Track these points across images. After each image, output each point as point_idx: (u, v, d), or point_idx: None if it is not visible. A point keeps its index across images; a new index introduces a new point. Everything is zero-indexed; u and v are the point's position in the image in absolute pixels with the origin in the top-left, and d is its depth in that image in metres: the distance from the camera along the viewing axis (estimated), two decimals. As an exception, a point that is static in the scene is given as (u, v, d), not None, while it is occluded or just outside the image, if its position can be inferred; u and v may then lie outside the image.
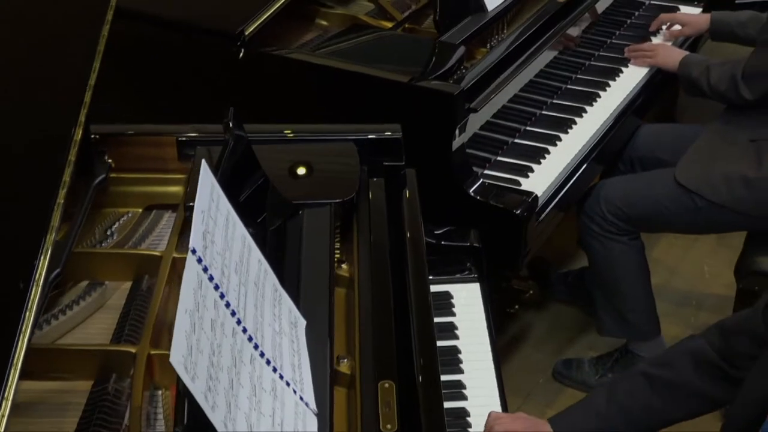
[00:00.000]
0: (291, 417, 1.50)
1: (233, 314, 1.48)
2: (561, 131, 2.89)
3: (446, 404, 1.76)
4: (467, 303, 2.22)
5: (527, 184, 2.64)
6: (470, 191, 2.51)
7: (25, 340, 1.41)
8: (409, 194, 2.19)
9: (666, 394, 2.01)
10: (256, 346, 1.50)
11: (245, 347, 1.48)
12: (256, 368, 1.48)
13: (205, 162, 1.61)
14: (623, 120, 3.05)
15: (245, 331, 1.49)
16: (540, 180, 2.67)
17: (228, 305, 1.47)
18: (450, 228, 2.36)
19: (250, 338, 1.50)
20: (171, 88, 2.74)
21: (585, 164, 2.83)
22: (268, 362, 1.52)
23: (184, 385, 1.30)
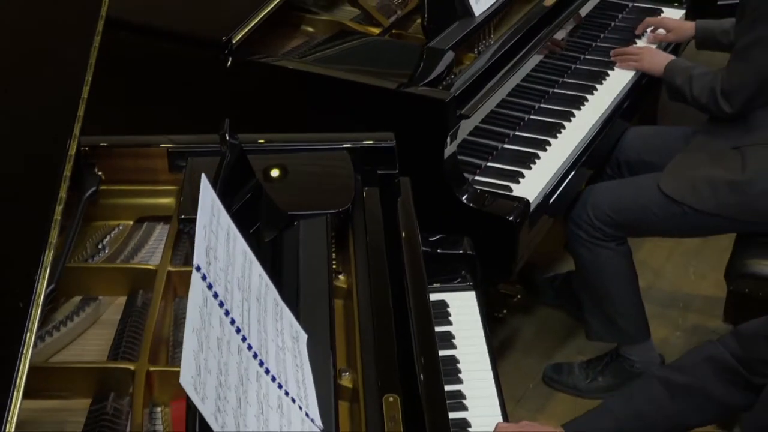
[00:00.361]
0: (298, 434, 1.48)
1: (238, 331, 1.45)
2: (550, 136, 2.88)
3: (447, 415, 1.74)
4: (463, 312, 2.21)
5: (519, 190, 2.63)
6: (463, 198, 2.50)
7: (27, 362, 1.38)
8: (405, 203, 2.18)
9: (684, 400, 2.00)
10: (261, 363, 1.48)
11: (251, 365, 1.45)
12: (263, 386, 1.46)
13: (205, 175, 1.58)
14: (612, 123, 3.05)
15: (250, 348, 1.47)
16: (531, 185, 2.66)
17: (233, 322, 1.45)
18: (442, 236, 2.34)
19: (255, 355, 1.47)
20: (158, 98, 2.71)
21: (575, 168, 2.83)
22: (273, 379, 1.49)
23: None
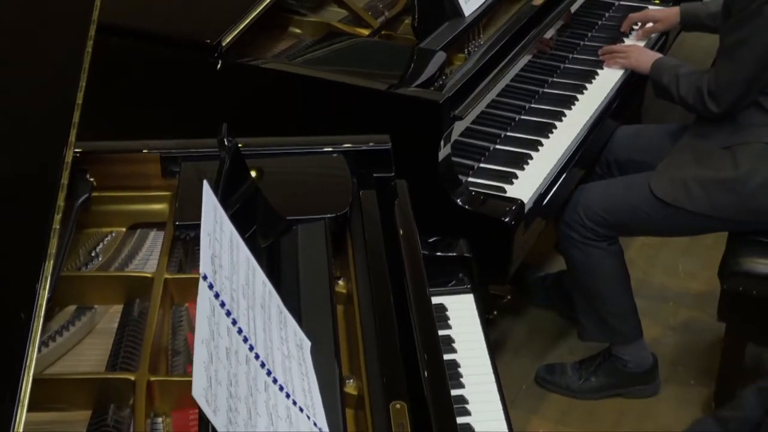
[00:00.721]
0: (306, 444, 1.46)
1: (245, 340, 1.43)
2: (542, 136, 2.86)
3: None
4: (462, 315, 2.18)
5: (513, 191, 2.61)
6: (458, 201, 2.47)
7: (30, 376, 1.34)
8: (402, 205, 2.15)
9: None
10: (269, 372, 1.45)
11: (259, 374, 1.43)
12: (271, 395, 1.43)
13: (207, 182, 1.55)
14: (603, 122, 3.03)
15: (257, 358, 1.44)
16: (525, 186, 2.64)
17: (240, 331, 1.42)
18: (438, 238, 2.32)
19: (263, 364, 1.45)
20: (147, 103, 2.68)
21: (568, 168, 2.81)
22: (281, 388, 1.47)
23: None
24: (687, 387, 3.23)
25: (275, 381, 1.46)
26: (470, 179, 2.65)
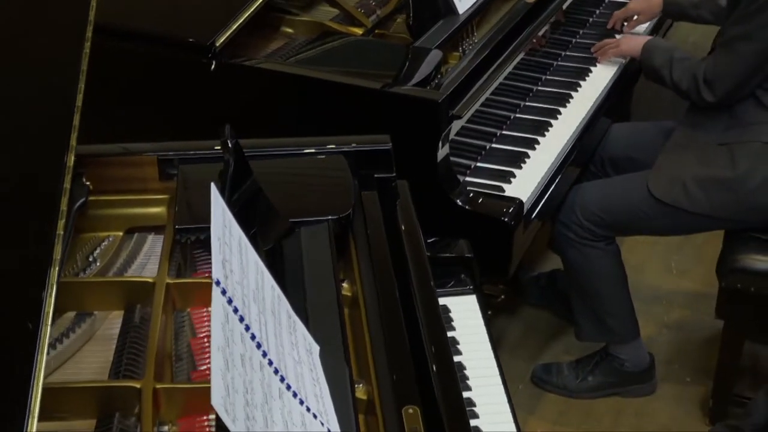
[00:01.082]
0: (321, 451, 1.43)
1: (258, 346, 1.39)
2: (538, 134, 2.84)
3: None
4: (466, 316, 2.16)
5: (511, 190, 2.59)
6: (458, 201, 2.45)
7: (40, 386, 1.31)
8: (404, 206, 2.12)
9: None
10: (282, 379, 1.42)
11: (273, 381, 1.39)
12: (285, 402, 1.40)
13: (214, 185, 1.52)
14: (598, 120, 3.02)
15: (271, 364, 1.41)
16: (523, 185, 2.62)
17: (253, 337, 1.39)
18: (435, 239, 2.29)
19: (276, 371, 1.41)
20: (140, 105, 2.63)
21: (566, 167, 2.79)
22: (295, 395, 1.43)
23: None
24: (683, 385, 3.22)
25: (289, 387, 1.43)
26: (467, 179, 2.62)
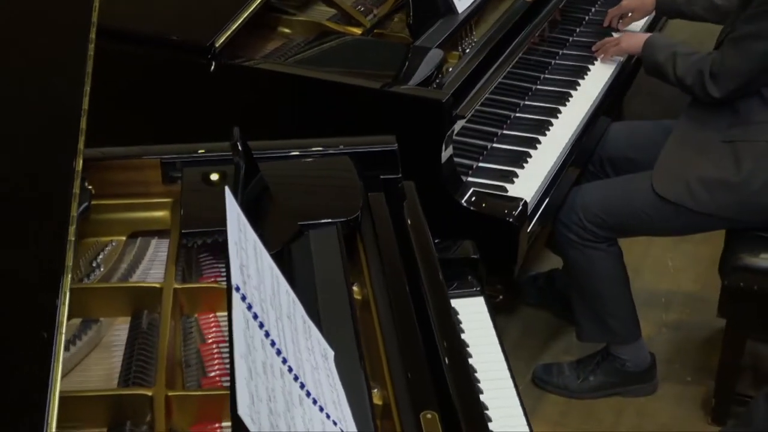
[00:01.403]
0: (342, 459, 1.40)
1: (278, 353, 1.37)
2: (539, 133, 2.82)
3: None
4: (474, 318, 2.13)
5: (514, 190, 2.56)
6: (462, 201, 2.42)
7: (57, 397, 1.27)
8: (411, 207, 2.10)
9: None
10: (302, 386, 1.39)
11: (293, 388, 1.36)
12: (306, 410, 1.37)
13: (229, 189, 1.48)
14: (599, 118, 3.00)
15: (291, 371, 1.38)
16: (527, 185, 2.60)
17: (273, 344, 1.36)
18: (437, 241, 2.26)
19: (296, 377, 1.39)
20: (138, 107, 2.59)
21: (567, 166, 2.77)
22: (315, 402, 1.41)
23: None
24: (684, 384, 3.21)
25: (308, 394, 1.40)
26: (470, 179, 2.60)
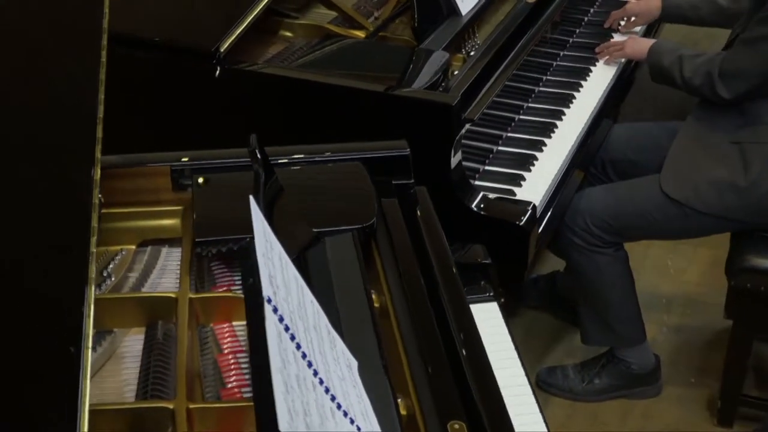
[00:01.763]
0: (374, 472, 1.38)
1: (309, 365, 1.34)
2: (544, 136, 2.80)
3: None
4: (490, 324, 2.10)
5: (523, 194, 2.54)
6: (472, 206, 2.40)
7: (87, 414, 1.24)
8: (425, 212, 2.07)
9: None
10: (333, 398, 1.37)
11: (325, 401, 1.34)
12: (338, 422, 1.34)
13: (254, 199, 1.46)
14: (602, 119, 2.98)
15: (322, 383, 1.36)
16: (535, 188, 2.57)
17: (304, 356, 1.33)
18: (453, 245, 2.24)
19: (327, 390, 1.36)
20: (143, 113, 2.56)
21: (574, 169, 2.75)
22: (345, 414, 1.38)
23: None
24: (688, 386, 3.20)
25: (339, 407, 1.37)
26: (477, 182, 2.57)
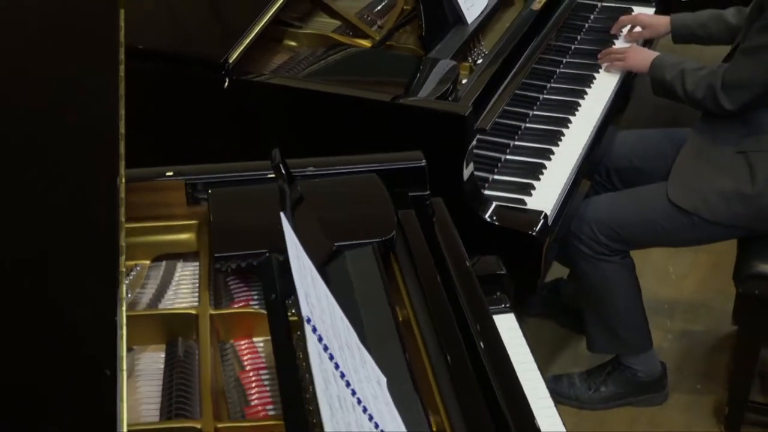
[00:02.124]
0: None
1: (348, 385, 1.32)
2: (552, 144, 2.78)
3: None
4: (508, 336, 2.07)
5: (533, 203, 2.53)
6: (486, 216, 2.38)
7: (125, 437, 1.22)
8: (442, 224, 2.06)
9: None
10: (371, 418, 1.35)
11: (364, 421, 1.32)
12: (377, 444, 1.33)
13: (284, 216, 1.44)
14: (608, 127, 2.97)
15: (360, 402, 1.34)
16: (545, 197, 2.56)
17: (343, 376, 1.31)
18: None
19: (365, 409, 1.34)
20: (151, 126, 2.53)
21: (582, 177, 2.74)
22: (382, 433, 1.36)
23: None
24: (694, 392, 3.19)
25: (377, 426, 1.36)
26: (487, 192, 2.55)
